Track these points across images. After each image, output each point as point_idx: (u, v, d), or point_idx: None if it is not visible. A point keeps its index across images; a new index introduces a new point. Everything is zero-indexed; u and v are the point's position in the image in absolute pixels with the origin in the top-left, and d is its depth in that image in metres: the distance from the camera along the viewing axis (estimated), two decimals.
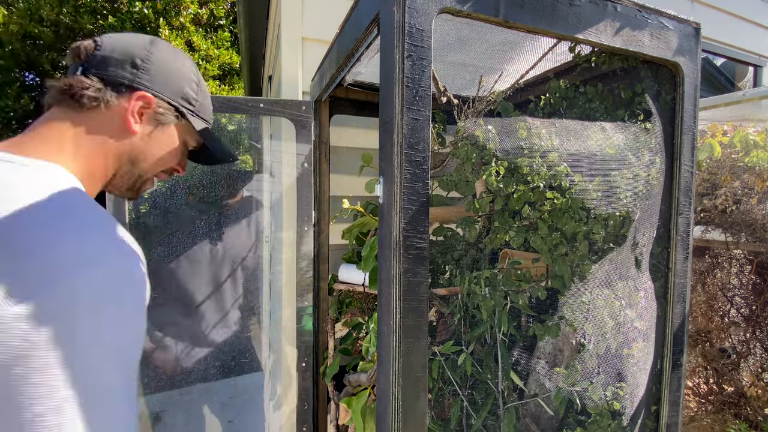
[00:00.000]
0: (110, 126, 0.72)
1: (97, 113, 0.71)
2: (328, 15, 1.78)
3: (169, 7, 5.03)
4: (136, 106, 0.73)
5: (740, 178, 1.67)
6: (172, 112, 0.79)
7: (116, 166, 0.76)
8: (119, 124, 0.73)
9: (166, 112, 0.78)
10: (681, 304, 0.97)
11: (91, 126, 0.71)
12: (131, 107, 0.73)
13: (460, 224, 1.08)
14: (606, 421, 0.95)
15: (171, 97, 0.78)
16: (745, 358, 2.00)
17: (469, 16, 0.71)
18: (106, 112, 0.72)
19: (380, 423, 0.74)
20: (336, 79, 1.22)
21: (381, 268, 0.73)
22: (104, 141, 0.72)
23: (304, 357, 1.60)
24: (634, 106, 1.03)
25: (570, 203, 0.91)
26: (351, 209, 1.44)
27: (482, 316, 0.98)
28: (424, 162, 0.67)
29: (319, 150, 1.56)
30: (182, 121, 0.81)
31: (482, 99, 1.12)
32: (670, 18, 0.90)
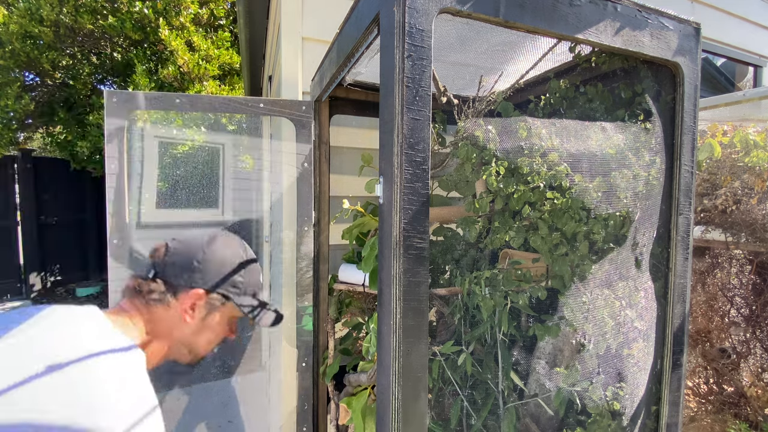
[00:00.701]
0: (170, 320, 0.85)
1: (159, 309, 0.84)
2: (328, 15, 1.78)
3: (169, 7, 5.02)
4: (189, 302, 0.84)
5: (740, 178, 1.67)
6: (220, 299, 0.88)
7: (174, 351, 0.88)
8: (177, 318, 0.85)
9: (215, 301, 0.87)
10: (681, 304, 0.97)
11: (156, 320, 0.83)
12: (187, 305, 0.84)
13: (460, 224, 1.08)
14: (606, 421, 0.95)
15: (220, 287, 0.87)
16: (745, 358, 2.00)
17: (469, 16, 0.71)
18: (168, 308, 0.84)
19: (380, 423, 0.74)
20: (336, 79, 1.22)
21: (381, 268, 0.73)
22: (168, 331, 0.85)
23: (304, 357, 1.60)
24: (634, 106, 1.03)
25: (570, 203, 0.91)
26: (351, 209, 1.44)
27: (482, 316, 0.98)
28: (424, 162, 0.67)
29: (319, 150, 1.56)
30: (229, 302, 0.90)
31: (482, 99, 1.12)
32: (670, 18, 0.90)
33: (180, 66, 4.98)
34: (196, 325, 0.87)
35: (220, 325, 0.91)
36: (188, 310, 0.85)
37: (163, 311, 0.84)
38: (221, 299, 0.88)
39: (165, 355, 0.88)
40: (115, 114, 1.34)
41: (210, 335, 0.91)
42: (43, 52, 5.23)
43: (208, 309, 0.88)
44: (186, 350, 0.90)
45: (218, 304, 0.88)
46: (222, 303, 0.89)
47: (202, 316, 0.87)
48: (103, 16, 5.07)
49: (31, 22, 4.92)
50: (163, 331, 0.85)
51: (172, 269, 0.85)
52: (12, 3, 5.17)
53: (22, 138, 7.42)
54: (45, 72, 5.63)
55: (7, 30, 4.97)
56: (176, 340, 0.87)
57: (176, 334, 0.87)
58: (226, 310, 0.91)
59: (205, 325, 0.89)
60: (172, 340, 0.86)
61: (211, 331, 0.90)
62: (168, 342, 0.86)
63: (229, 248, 0.91)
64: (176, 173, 1.89)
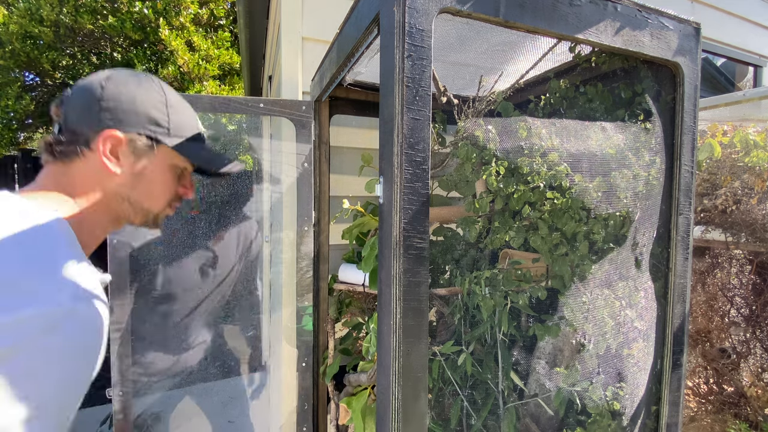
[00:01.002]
0: (94, 173, 0.75)
1: (79, 164, 0.74)
2: (328, 15, 1.78)
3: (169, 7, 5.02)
4: (106, 148, 0.74)
5: (740, 178, 1.67)
6: (145, 141, 0.77)
7: (115, 208, 0.79)
8: (100, 170, 0.75)
9: (139, 143, 0.77)
10: (681, 304, 0.97)
11: (80, 177, 0.75)
12: (102, 150, 0.74)
13: (460, 224, 1.08)
14: (606, 421, 0.95)
15: (138, 127, 0.76)
16: (745, 358, 2.00)
17: (469, 16, 0.71)
18: (86, 161, 0.74)
19: (380, 423, 0.74)
20: (336, 79, 1.22)
21: (381, 268, 0.73)
22: (93, 188, 0.76)
23: (304, 357, 1.60)
24: (634, 106, 1.03)
25: (570, 203, 0.91)
26: (351, 209, 1.44)
27: (482, 316, 0.98)
28: (424, 162, 0.67)
29: (319, 150, 1.56)
30: (160, 146, 0.79)
31: (482, 99, 1.12)
32: (670, 18, 0.90)
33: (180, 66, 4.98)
34: (128, 175, 0.77)
35: (158, 174, 0.81)
36: (108, 156, 0.74)
37: (81, 166, 0.74)
38: (147, 142, 0.77)
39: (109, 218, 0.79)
40: None
41: (149, 186, 0.80)
42: (43, 52, 5.23)
43: (134, 154, 0.77)
44: (128, 206, 0.79)
45: (145, 147, 0.77)
46: (149, 146, 0.78)
47: (130, 162, 0.77)
48: (103, 16, 5.07)
49: (31, 22, 4.92)
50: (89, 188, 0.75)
51: (74, 114, 0.74)
52: (12, 3, 5.17)
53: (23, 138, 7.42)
54: (45, 72, 5.63)
55: (7, 30, 4.97)
56: (110, 196, 0.77)
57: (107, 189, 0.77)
58: (160, 156, 0.80)
59: (139, 174, 0.79)
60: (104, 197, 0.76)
61: (149, 182, 0.80)
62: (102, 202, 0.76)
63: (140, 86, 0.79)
64: None
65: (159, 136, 0.78)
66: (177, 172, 0.85)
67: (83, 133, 0.74)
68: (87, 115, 0.74)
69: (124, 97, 0.76)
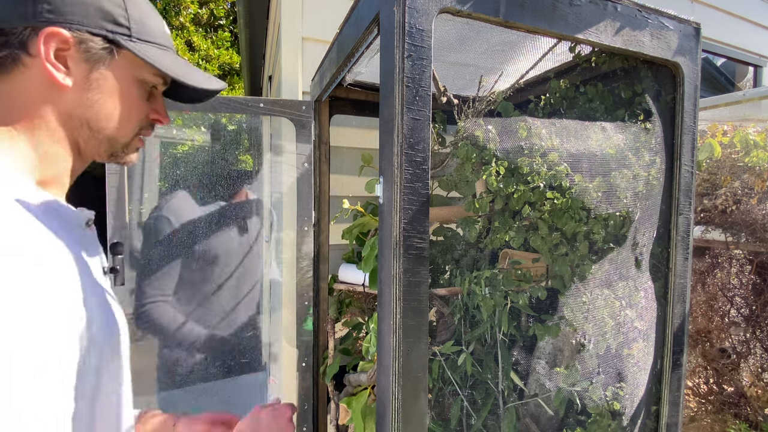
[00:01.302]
0: (38, 87, 0.58)
1: (17, 77, 0.57)
2: (328, 15, 1.78)
3: (169, 7, 5.03)
4: (50, 50, 0.56)
5: (740, 178, 1.67)
6: (101, 44, 0.60)
7: (72, 134, 0.62)
8: (45, 82, 0.58)
9: (93, 47, 0.59)
10: (681, 304, 0.97)
11: (22, 94, 0.58)
12: (44, 54, 0.56)
13: (460, 224, 1.08)
14: (606, 421, 0.95)
15: (91, 25, 0.59)
16: (745, 358, 2.00)
17: (469, 16, 0.71)
18: (26, 71, 0.57)
19: (380, 423, 0.74)
20: (336, 79, 1.22)
21: (381, 268, 0.73)
22: (40, 108, 0.58)
23: (304, 357, 1.60)
24: (634, 106, 1.03)
25: (570, 203, 0.91)
26: (351, 209, 1.44)
27: (482, 316, 0.98)
28: (424, 162, 0.67)
29: (319, 150, 1.56)
30: (121, 52, 0.62)
31: (482, 99, 1.12)
32: (670, 18, 0.90)
33: None
34: (81, 89, 0.60)
35: (121, 89, 0.63)
36: (53, 63, 0.57)
37: (21, 78, 0.57)
38: (103, 44, 0.60)
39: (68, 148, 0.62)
40: None
41: (110, 105, 0.63)
42: None
43: (87, 61, 0.59)
44: (87, 131, 0.62)
45: (101, 52, 0.60)
46: (107, 50, 0.61)
47: (82, 72, 0.59)
48: None
49: None
50: (34, 109, 0.58)
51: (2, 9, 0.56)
52: None
53: None
54: None
55: None
56: (63, 118, 0.60)
57: (58, 109, 0.59)
58: (122, 66, 0.63)
59: (96, 89, 0.61)
60: (56, 119, 0.60)
61: (109, 99, 0.62)
62: (54, 126, 0.60)
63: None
64: (176, 173, 1.89)
65: (118, 38, 0.61)
66: (146, 89, 0.68)
67: (15, 32, 0.56)
68: (19, 5, 0.55)
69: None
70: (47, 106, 0.59)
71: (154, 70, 0.66)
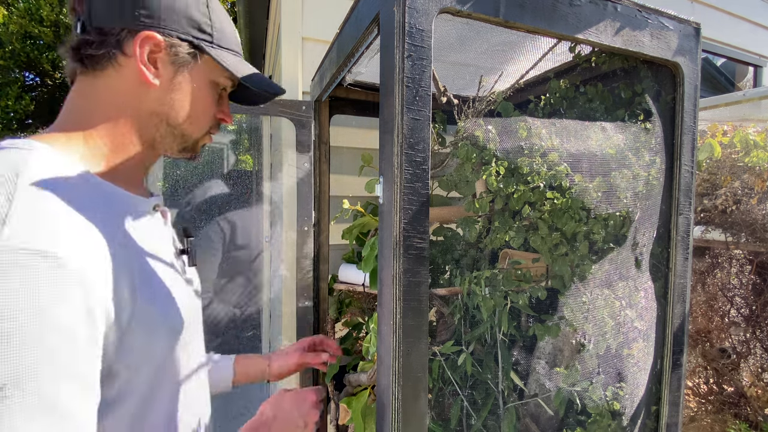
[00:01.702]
0: (127, 85, 0.63)
1: (110, 74, 0.63)
2: (328, 15, 1.78)
3: None
4: (144, 52, 0.62)
5: (740, 178, 1.67)
6: (187, 49, 0.65)
7: (150, 130, 0.67)
8: (135, 80, 0.63)
9: (180, 51, 0.65)
10: (681, 304, 0.97)
11: (111, 90, 0.63)
12: (140, 55, 0.62)
13: (460, 224, 1.08)
14: (606, 421, 0.95)
15: (180, 31, 0.64)
16: (745, 358, 2.00)
17: (469, 16, 0.71)
18: (119, 69, 0.63)
19: (380, 423, 0.74)
20: (336, 79, 1.22)
21: (381, 268, 0.73)
22: (127, 105, 0.64)
23: None
24: (634, 106, 1.03)
25: (570, 203, 0.91)
26: (351, 209, 1.44)
27: (482, 316, 0.98)
28: (424, 162, 0.67)
29: (319, 150, 1.56)
30: (203, 57, 0.68)
31: (482, 99, 1.12)
32: (670, 18, 0.90)
33: None
34: (165, 89, 0.65)
35: (198, 90, 0.69)
36: (146, 64, 0.62)
37: (114, 76, 0.62)
38: (189, 50, 0.66)
39: (143, 144, 0.67)
40: None
41: (189, 105, 0.68)
42: (43, 52, 5.23)
43: (174, 64, 0.65)
44: (165, 128, 0.67)
45: (187, 57, 0.66)
46: (192, 56, 0.66)
47: (168, 74, 0.65)
48: None
49: (31, 23, 4.93)
50: (120, 106, 0.63)
51: (102, 7, 0.61)
52: (12, 3, 5.17)
53: None
54: (45, 72, 5.63)
55: (7, 30, 4.97)
56: (145, 115, 0.65)
57: (142, 106, 0.65)
58: (202, 69, 0.68)
59: (178, 90, 0.66)
60: (138, 116, 0.65)
61: (188, 99, 0.68)
62: (134, 123, 0.64)
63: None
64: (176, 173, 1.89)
65: (202, 44, 0.66)
66: (217, 91, 0.73)
67: (114, 32, 0.61)
68: (119, 10, 0.60)
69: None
70: (133, 102, 0.64)
71: (227, 74, 0.71)
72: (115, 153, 0.64)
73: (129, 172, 0.67)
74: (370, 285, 1.46)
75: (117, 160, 0.64)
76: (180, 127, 0.69)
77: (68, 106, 0.64)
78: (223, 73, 0.71)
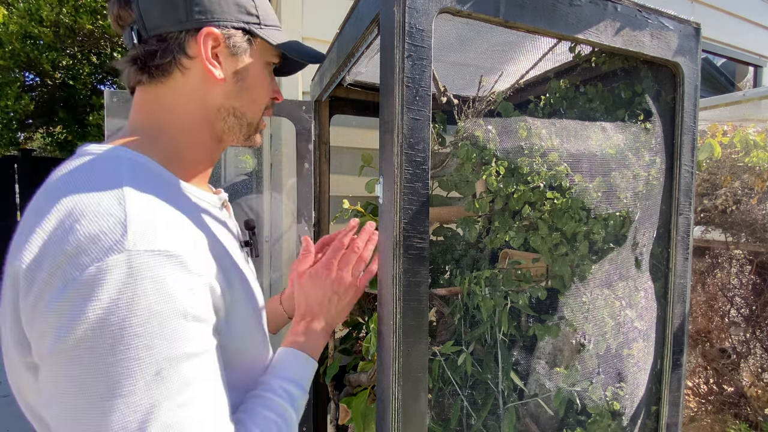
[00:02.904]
0: (195, 86, 0.63)
1: (177, 78, 0.62)
2: (328, 15, 1.78)
3: None
4: (208, 49, 0.60)
5: (740, 178, 1.67)
6: (242, 36, 0.64)
7: (219, 124, 0.67)
8: (202, 79, 0.62)
9: (237, 41, 0.63)
10: (681, 304, 0.97)
11: (178, 95, 0.63)
12: (204, 54, 0.60)
13: (460, 224, 1.08)
14: (606, 421, 0.95)
15: (232, 20, 0.62)
16: (745, 358, 2.00)
17: (469, 16, 0.71)
18: (186, 72, 0.62)
19: (380, 423, 0.74)
20: (336, 79, 1.22)
21: (381, 268, 0.73)
22: (195, 106, 0.64)
23: None
24: (634, 106, 1.03)
25: (570, 203, 0.91)
26: (351, 209, 1.44)
27: (482, 316, 0.98)
28: (424, 162, 0.67)
29: (319, 150, 1.56)
30: (256, 40, 0.67)
31: (482, 99, 1.12)
32: (670, 18, 0.90)
33: None
34: (230, 82, 0.64)
35: (257, 75, 0.68)
36: (211, 61, 0.61)
37: (181, 80, 0.62)
38: (243, 36, 0.64)
39: (212, 138, 0.67)
40: (116, 114, 1.34)
41: (252, 91, 0.67)
42: (43, 52, 5.23)
43: (233, 54, 0.63)
44: (233, 120, 0.67)
45: (244, 44, 0.64)
46: (248, 42, 0.65)
47: (230, 65, 0.64)
48: (102, 17, 5.07)
49: (31, 23, 4.92)
50: (188, 108, 0.63)
51: (155, 11, 0.59)
52: (12, 3, 5.17)
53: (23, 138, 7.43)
54: (45, 72, 5.63)
55: (7, 30, 4.97)
56: (213, 112, 0.65)
57: (210, 103, 0.64)
58: (257, 53, 0.67)
59: (242, 79, 0.66)
60: (206, 114, 0.65)
61: (251, 86, 0.67)
62: (203, 121, 0.65)
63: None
64: None
65: (253, 27, 0.64)
66: (270, 70, 0.72)
67: (174, 37, 0.59)
68: (172, 11, 0.58)
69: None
70: (201, 101, 0.64)
71: (276, 51, 0.70)
72: (188, 153, 0.65)
73: (200, 170, 0.68)
74: (370, 285, 1.46)
75: (190, 160, 0.66)
76: (246, 116, 0.69)
77: (137, 115, 0.64)
78: (274, 51, 0.70)
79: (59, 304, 0.44)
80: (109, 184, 0.50)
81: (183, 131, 0.64)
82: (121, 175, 0.52)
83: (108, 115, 1.34)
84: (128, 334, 0.45)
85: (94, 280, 0.44)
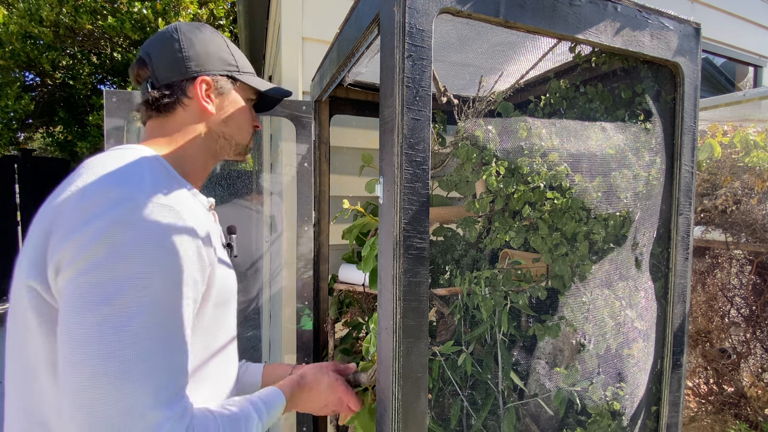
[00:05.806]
0: (193, 118, 0.87)
1: (179, 112, 0.85)
2: (328, 15, 1.78)
3: (168, 8, 5.02)
4: (202, 91, 0.85)
5: (740, 178, 1.67)
6: (226, 81, 0.89)
7: (214, 147, 0.90)
8: (198, 113, 0.87)
9: (223, 84, 0.88)
10: (681, 304, 0.97)
11: (180, 124, 0.86)
12: (200, 95, 0.85)
13: (460, 224, 1.08)
14: (606, 422, 0.95)
15: (218, 69, 0.87)
16: (745, 359, 2.00)
17: (470, 16, 0.71)
18: (185, 108, 0.85)
19: (380, 423, 0.74)
20: (336, 79, 1.22)
21: (381, 268, 0.73)
22: (193, 131, 0.87)
23: (304, 357, 1.60)
24: (634, 106, 1.03)
25: (570, 203, 0.91)
26: (351, 209, 1.44)
27: (482, 316, 0.98)
28: (424, 162, 0.67)
29: (319, 150, 1.56)
30: (236, 83, 0.91)
31: (482, 99, 1.12)
32: (670, 18, 0.90)
33: None
34: (219, 113, 0.89)
35: (241, 109, 0.92)
36: (205, 99, 0.85)
37: (182, 113, 0.85)
38: (227, 80, 0.89)
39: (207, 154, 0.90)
40: (115, 114, 1.34)
41: (236, 120, 0.92)
42: (43, 52, 5.23)
43: (221, 94, 0.88)
44: (224, 141, 0.91)
45: (228, 86, 0.89)
46: (232, 83, 0.90)
47: (219, 102, 0.89)
48: (102, 17, 5.07)
49: (31, 23, 4.92)
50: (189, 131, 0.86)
51: (164, 69, 0.84)
52: (12, 3, 5.17)
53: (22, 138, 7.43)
54: (45, 72, 5.63)
55: (7, 30, 4.97)
56: (207, 135, 0.88)
57: (205, 129, 0.88)
58: (238, 92, 0.92)
59: (227, 110, 0.90)
60: (203, 136, 0.88)
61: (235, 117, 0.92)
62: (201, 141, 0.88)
63: (204, 33, 0.89)
64: None
65: (234, 74, 0.90)
66: (250, 105, 0.96)
67: (175, 84, 0.84)
68: (176, 68, 0.84)
69: (199, 46, 0.86)
70: (198, 127, 0.88)
71: (254, 90, 0.96)
72: (190, 163, 0.87)
73: (198, 177, 0.90)
74: (370, 285, 1.46)
75: (191, 168, 0.87)
76: (234, 138, 0.92)
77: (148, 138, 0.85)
78: (251, 90, 0.95)
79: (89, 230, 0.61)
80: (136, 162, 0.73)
81: (184, 149, 0.86)
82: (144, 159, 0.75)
83: (107, 115, 1.34)
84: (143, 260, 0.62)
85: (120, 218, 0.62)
